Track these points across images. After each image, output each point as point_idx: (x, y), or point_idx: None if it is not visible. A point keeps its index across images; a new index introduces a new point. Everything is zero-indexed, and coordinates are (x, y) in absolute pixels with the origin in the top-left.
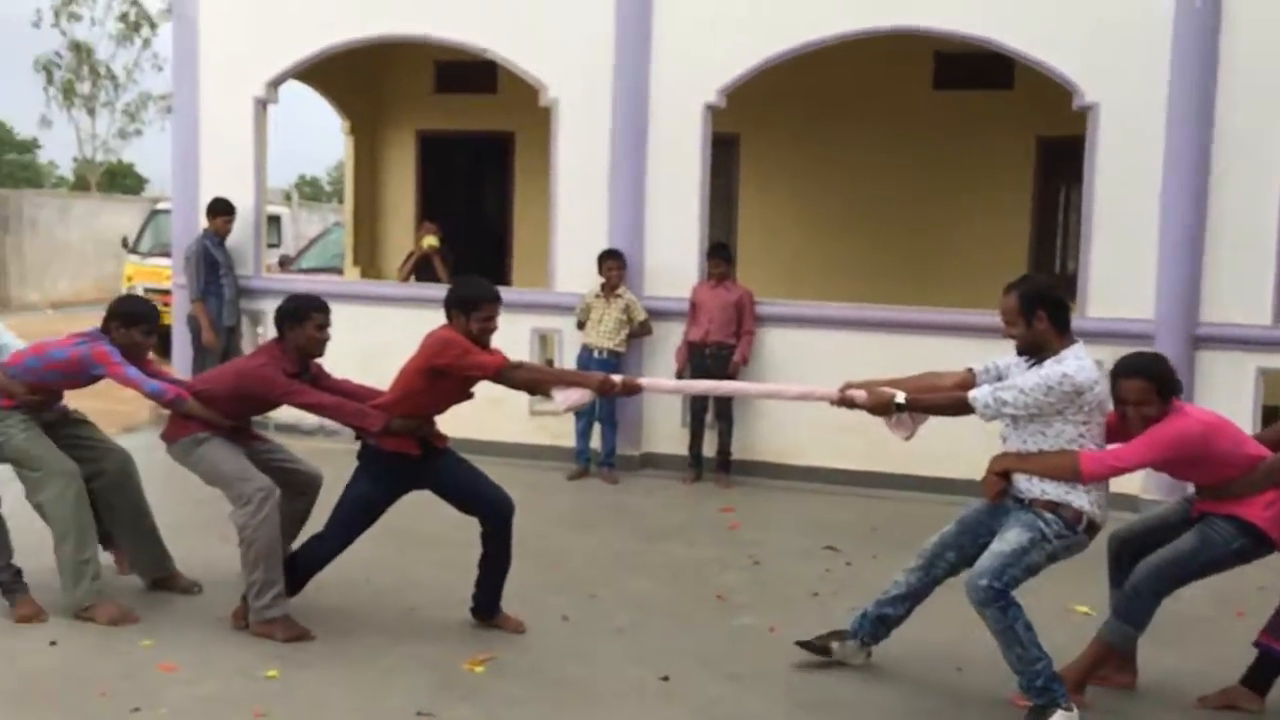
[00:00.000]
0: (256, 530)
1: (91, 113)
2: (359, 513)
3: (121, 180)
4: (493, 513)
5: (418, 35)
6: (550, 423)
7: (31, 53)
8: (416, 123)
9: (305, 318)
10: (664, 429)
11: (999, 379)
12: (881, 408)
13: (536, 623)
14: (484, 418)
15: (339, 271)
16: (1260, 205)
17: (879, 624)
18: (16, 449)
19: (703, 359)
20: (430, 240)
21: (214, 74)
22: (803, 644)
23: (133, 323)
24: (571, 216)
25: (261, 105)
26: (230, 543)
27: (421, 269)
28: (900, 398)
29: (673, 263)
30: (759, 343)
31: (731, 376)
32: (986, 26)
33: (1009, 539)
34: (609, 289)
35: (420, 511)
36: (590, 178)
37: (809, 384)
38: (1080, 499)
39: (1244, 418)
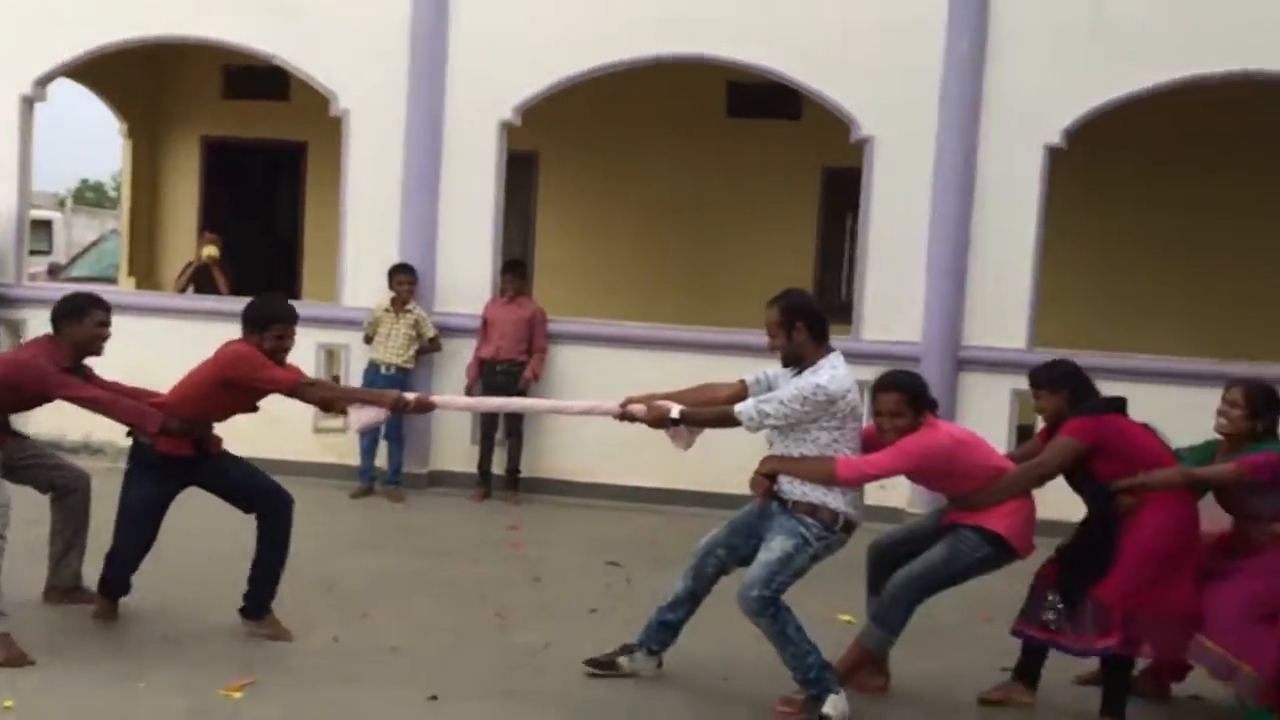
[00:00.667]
0: None
1: None
2: (142, 514)
3: None
4: (270, 506)
5: (198, 37)
6: (336, 441)
7: None
8: (202, 128)
9: (85, 314)
10: (452, 446)
11: (769, 388)
12: (659, 422)
13: (305, 645)
14: (263, 434)
15: (113, 281)
16: (1018, 236)
17: (663, 630)
18: None
19: (494, 375)
20: (210, 250)
21: None
22: (590, 662)
23: None
24: (362, 230)
25: (28, 103)
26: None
27: (200, 280)
28: (675, 412)
29: (465, 279)
30: (551, 360)
31: (522, 393)
32: (772, 58)
33: (774, 547)
34: (399, 304)
35: (175, 533)
36: (382, 191)
37: (597, 401)
38: (836, 500)
39: (1000, 436)
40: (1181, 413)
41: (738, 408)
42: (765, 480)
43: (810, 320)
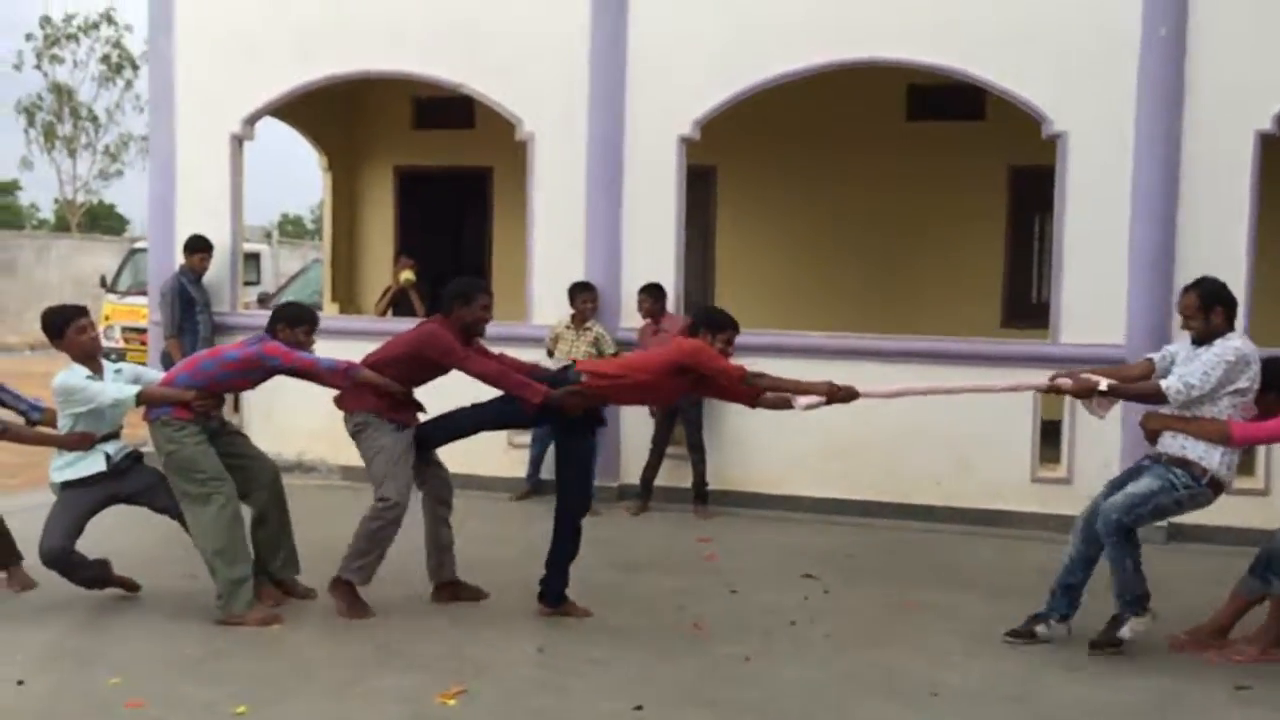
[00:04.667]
0: (377, 527)
1: (73, 154)
2: (493, 415)
3: (103, 221)
4: (567, 501)
5: (395, 72)
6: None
7: (13, 95)
8: (395, 158)
9: (473, 298)
10: (641, 460)
11: (1172, 363)
12: (1086, 391)
13: (511, 655)
14: (464, 450)
15: (318, 308)
16: (1228, 232)
17: (1067, 593)
18: (187, 459)
19: None
20: (407, 275)
21: (190, 111)
22: (1010, 633)
23: (297, 323)
24: (548, 249)
25: (238, 142)
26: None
27: (399, 304)
28: (1104, 385)
29: None
30: None
31: (696, 403)
32: (956, 57)
33: (1141, 484)
34: (579, 321)
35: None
36: (567, 211)
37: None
38: (1211, 459)
39: None
40: None
41: (1164, 384)
42: (1153, 433)
43: (1227, 305)
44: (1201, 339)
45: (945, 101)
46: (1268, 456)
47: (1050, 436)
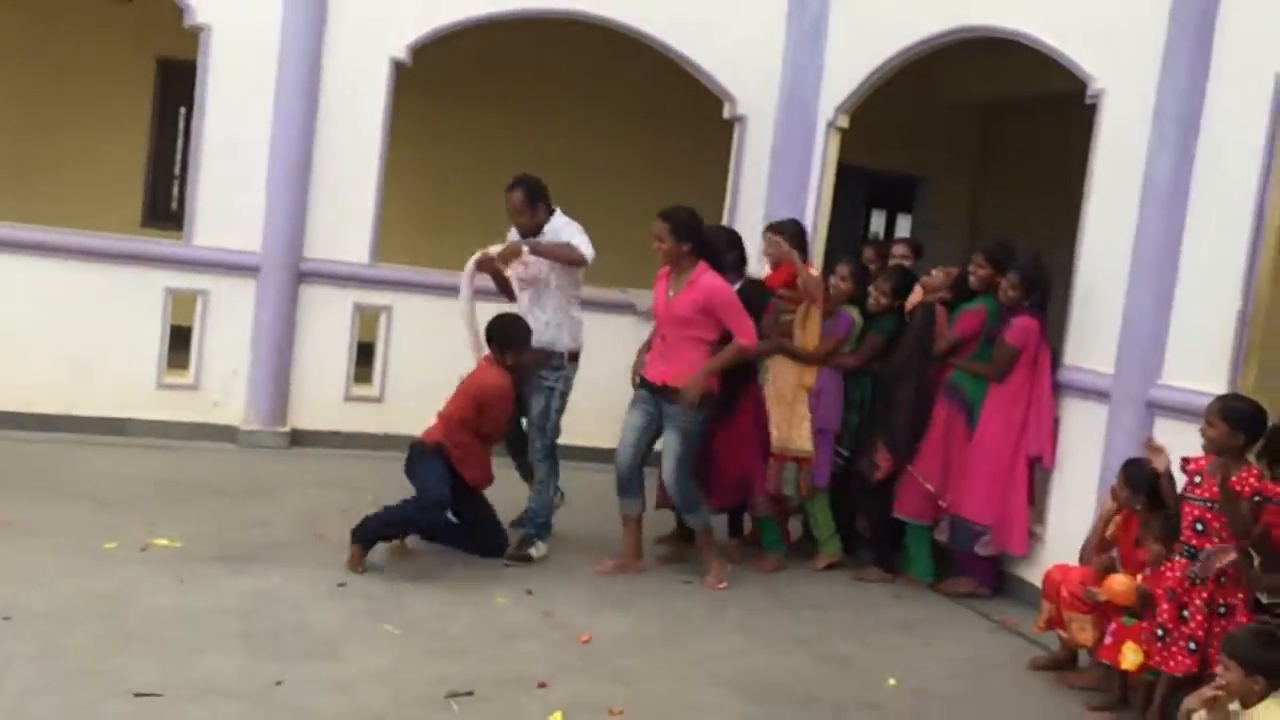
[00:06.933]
0: None
1: None
2: None
3: None
4: None
5: None
6: None
7: None
8: None
9: None
10: None
11: None
12: (515, 252)
13: None
14: None
15: None
16: (363, 148)
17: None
18: None
19: None
20: None
21: None
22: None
23: None
24: None
25: None
26: None
27: None
28: (527, 245)
29: None
30: None
31: None
32: None
33: (535, 407)
34: None
35: None
36: None
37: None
38: (562, 340)
39: (340, 352)
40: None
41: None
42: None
43: (543, 191)
44: (533, 233)
45: None
46: (384, 370)
47: (179, 343)
